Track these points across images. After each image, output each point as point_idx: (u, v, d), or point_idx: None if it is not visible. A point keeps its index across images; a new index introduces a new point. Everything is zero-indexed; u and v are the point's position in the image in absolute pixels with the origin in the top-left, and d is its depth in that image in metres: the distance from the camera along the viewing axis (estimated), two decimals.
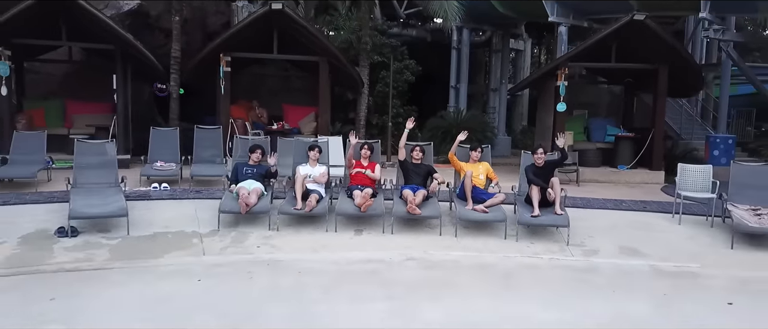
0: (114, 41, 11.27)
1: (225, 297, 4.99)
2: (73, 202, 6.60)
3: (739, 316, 4.95)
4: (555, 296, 5.32)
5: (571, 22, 14.89)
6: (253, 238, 6.63)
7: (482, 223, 7.16)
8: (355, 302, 4.99)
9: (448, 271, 5.93)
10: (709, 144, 16.77)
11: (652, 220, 7.86)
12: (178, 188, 8.93)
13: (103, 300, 4.83)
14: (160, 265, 5.78)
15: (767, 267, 6.24)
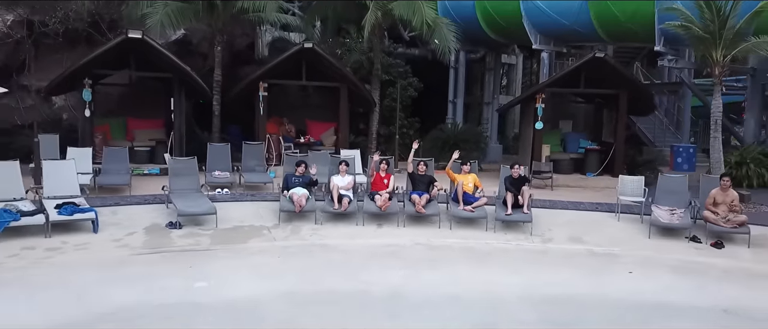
0: (172, 71, 14.07)
1: (298, 267, 7.77)
2: (178, 203, 9.38)
3: (634, 279, 7.74)
4: (516, 268, 8.10)
5: (552, 48, 17.73)
6: (306, 229, 9.41)
7: (470, 219, 9.94)
8: (382, 270, 7.77)
9: (445, 252, 8.71)
10: (673, 152, 19.58)
11: (599, 218, 10.64)
12: (236, 192, 11.68)
13: (220, 268, 7.61)
14: (247, 247, 8.57)
15: (667, 250, 9.01)
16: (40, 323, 5.80)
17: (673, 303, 6.85)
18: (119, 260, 7.74)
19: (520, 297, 7.03)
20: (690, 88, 18.94)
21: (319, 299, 6.66)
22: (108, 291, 6.63)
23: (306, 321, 6.08)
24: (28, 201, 9.03)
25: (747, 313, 6.59)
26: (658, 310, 6.63)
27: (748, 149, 15.91)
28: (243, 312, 6.21)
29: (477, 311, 6.49)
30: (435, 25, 14.69)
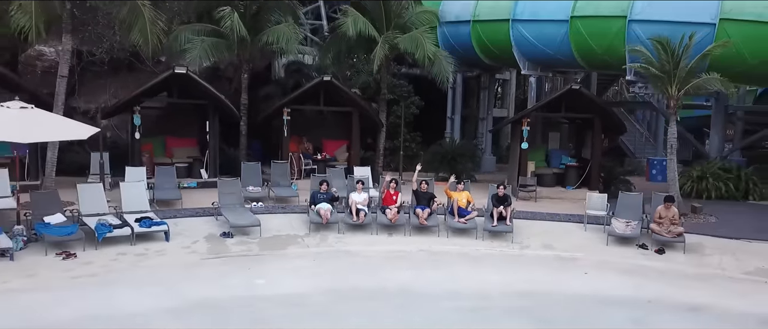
0: (208, 98, 16.52)
1: (330, 268, 10.23)
2: (228, 217, 11.83)
3: (588, 278, 10.20)
4: (499, 269, 10.56)
5: (539, 73, 20.23)
6: (331, 238, 11.88)
7: (463, 229, 12.40)
8: (394, 270, 10.22)
9: (443, 256, 11.16)
10: (649, 165, 22.09)
11: (570, 227, 13.11)
12: (268, 205, 14.12)
13: (270, 269, 10.06)
14: (287, 253, 11.02)
15: (620, 255, 11.47)
16: (149, 308, 8.24)
17: (612, 296, 9.32)
18: (192, 263, 10.20)
19: (501, 291, 9.50)
20: (656, 108, 21.42)
21: (348, 293, 9.12)
22: (192, 287, 9.09)
23: (342, 308, 8.54)
24: (113, 215, 11.46)
25: (664, 303, 9.05)
26: (599, 302, 9.09)
27: (709, 165, 18.41)
28: (295, 302, 8.66)
29: (468, 301, 8.95)
30: (435, 58, 17.14)
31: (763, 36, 15.29)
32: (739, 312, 8.77)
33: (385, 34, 17.22)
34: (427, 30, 17.49)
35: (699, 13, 15.74)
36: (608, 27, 17.03)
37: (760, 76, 16.79)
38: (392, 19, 17.93)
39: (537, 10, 18.59)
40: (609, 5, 17.06)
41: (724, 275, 10.55)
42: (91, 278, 9.18)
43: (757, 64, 15.77)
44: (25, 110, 9.98)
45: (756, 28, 15.31)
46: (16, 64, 18.43)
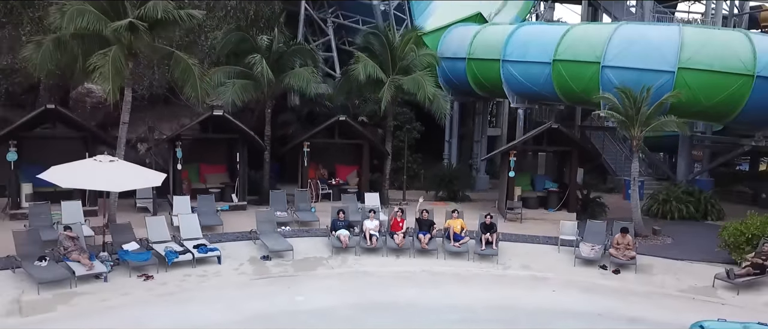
0: (239, 132, 19.41)
1: (352, 286, 13.14)
2: (267, 242, 14.72)
3: (555, 295, 13.12)
4: (486, 287, 13.48)
5: (526, 106, 23.17)
6: (350, 260, 14.79)
7: (458, 252, 15.32)
8: (402, 288, 13.13)
9: (441, 276, 14.07)
10: (625, 185, 24.94)
11: (546, 249, 16.02)
12: (294, 228, 17.00)
13: (305, 287, 12.97)
14: (316, 273, 13.94)
15: (584, 275, 14.37)
16: (220, 321, 11.13)
17: (570, 310, 12.23)
18: (243, 283, 13.11)
19: (485, 306, 12.41)
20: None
21: (368, 307, 12.03)
22: (247, 303, 12.00)
23: (364, 319, 11.44)
24: (174, 242, 14.35)
25: (610, 315, 11.98)
26: (559, 314, 12.01)
27: (674, 189, 21.38)
28: (328, 315, 11.57)
29: (459, 314, 11.86)
30: (434, 98, 20.05)
31: (714, 82, 18.22)
32: (667, 323, 11.67)
33: (391, 77, 20.11)
34: (427, 74, 20.35)
35: (661, 62, 18.63)
36: (585, 70, 19.92)
37: (715, 115, 19.72)
38: (397, 62, 20.83)
39: (524, 52, 21.54)
40: (585, 52, 19.94)
41: (663, 292, 13.47)
42: (170, 296, 12.08)
43: (711, 105, 18.71)
44: (113, 163, 12.86)
45: (708, 76, 18.23)
46: (68, 100, 21.24)
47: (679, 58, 18.41)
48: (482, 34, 23.51)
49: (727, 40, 18.96)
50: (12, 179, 17.46)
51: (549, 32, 21.60)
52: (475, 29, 24.18)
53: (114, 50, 14.85)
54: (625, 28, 20.07)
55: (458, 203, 22.08)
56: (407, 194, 22.41)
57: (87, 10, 14.82)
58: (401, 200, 21.70)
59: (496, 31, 23.24)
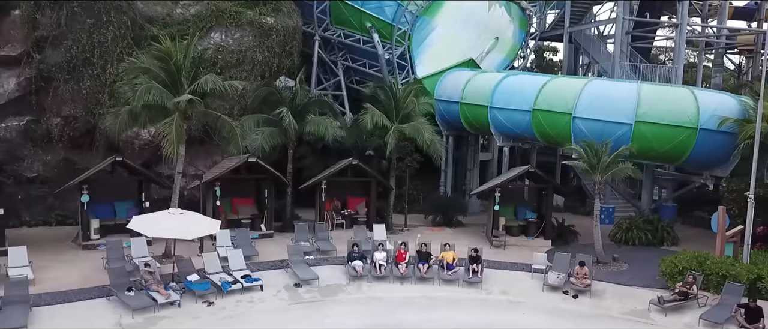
0: (267, 173, 23.39)
1: (367, 309, 17.15)
2: (297, 272, 18.72)
3: (524, 317, 17.14)
4: (470, 310, 17.50)
5: (510, 144, 27.19)
6: (364, 287, 18.81)
7: (450, 280, 19.34)
8: (406, 312, 17.14)
9: (437, 301, 18.08)
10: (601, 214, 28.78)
11: (521, 276, 20.04)
12: (316, 257, 20.98)
13: (332, 311, 16.99)
14: (339, 299, 17.96)
15: (550, 300, 18.34)
16: None
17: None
18: (283, 307, 17.11)
19: (471, 325, 16.42)
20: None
21: (382, 326, 16.02)
22: (288, 325, 15.99)
23: None
24: (225, 273, 18.34)
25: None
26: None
27: (635, 219, 25.39)
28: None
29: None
30: (431, 144, 24.06)
31: (665, 134, 22.29)
32: None
33: (395, 126, 24.10)
34: (426, 122, 24.34)
35: (621, 116, 22.66)
36: (559, 119, 23.94)
37: (667, 159, 23.81)
38: (400, 110, 24.81)
39: (508, 100, 25.56)
40: (560, 104, 23.96)
41: (608, 314, 17.49)
42: (230, 319, 16.07)
43: (664, 152, 22.83)
44: (183, 215, 16.84)
45: (660, 128, 22.29)
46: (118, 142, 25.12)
47: (637, 112, 22.44)
48: (473, 81, 27.48)
49: (677, 97, 23.04)
50: (83, 216, 21.40)
51: (529, 84, 25.58)
52: (467, 76, 28.16)
53: (176, 119, 18.79)
54: (592, 85, 24.11)
55: (452, 228, 26.27)
56: (408, 218, 26.47)
57: (153, 86, 18.77)
58: (403, 226, 25.80)
59: (485, 79, 27.20)
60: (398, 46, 28.87)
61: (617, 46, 29.71)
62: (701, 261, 18.62)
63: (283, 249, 21.21)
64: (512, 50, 32.39)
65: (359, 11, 29.66)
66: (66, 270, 18.70)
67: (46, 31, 23.55)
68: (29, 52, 23.74)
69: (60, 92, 23.96)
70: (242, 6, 26.03)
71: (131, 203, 22.94)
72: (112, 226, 22.27)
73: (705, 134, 22.04)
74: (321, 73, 31.71)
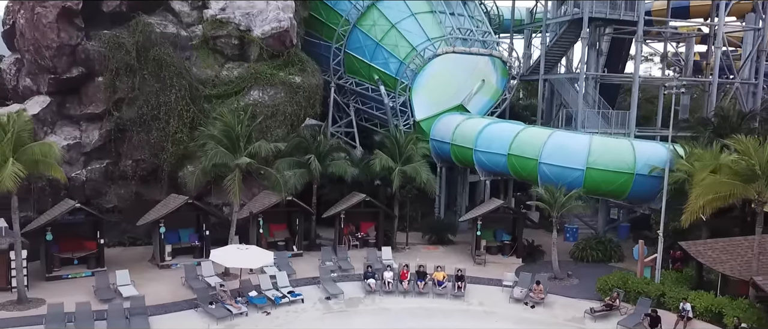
0: (299, 207, 30.40)
1: (379, 318, 24.16)
2: (328, 288, 25.75)
3: (495, 324, 24.20)
4: (454, 319, 24.51)
5: (492, 178, 34.24)
6: (376, 300, 25.85)
7: (441, 294, 26.41)
8: (409, 320, 24.14)
9: (431, 311, 25.07)
10: (564, 230, 35.94)
11: (495, 290, 27.08)
12: (338, 274, 27.99)
13: (355, 320, 24.00)
14: (359, 310, 24.98)
15: (515, 310, 25.31)
16: None
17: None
18: (320, 316, 24.12)
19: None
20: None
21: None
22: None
23: None
24: (274, 289, 25.33)
25: None
26: None
27: (590, 240, 32.42)
28: None
29: None
30: (428, 182, 31.06)
31: (609, 177, 29.25)
32: None
33: (398, 167, 31.06)
34: (423, 163, 31.29)
35: (576, 163, 29.60)
36: (529, 163, 30.91)
37: (612, 196, 30.82)
38: (403, 153, 31.74)
39: (489, 145, 32.50)
40: (529, 150, 30.92)
41: (555, 321, 24.53)
42: (284, 325, 23.08)
43: (609, 191, 29.86)
44: (248, 249, 23.84)
45: (606, 173, 29.23)
46: (176, 178, 31.95)
47: (588, 160, 29.39)
48: (461, 126, 34.43)
49: (619, 148, 29.98)
50: (160, 243, 28.32)
51: (506, 132, 32.52)
52: (457, 121, 35.10)
53: (236, 174, 25.74)
54: (554, 136, 31.06)
55: (444, 246, 33.31)
56: (409, 236, 33.52)
57: (220, 151, 25.68)
58: (405, 245, 32.84)
59: (471, 126, 34.12)
60: (401, 96, 35.72)
61: (580, 97, 36.58)
62: (625, 280, 25.68)
63: (313, 266, 28.31)
64: (495, 94, 39.23)
65: (368, 65, 36.55)
66: (155, 286, 25.62)
67: (123, 93, 30.34)
68: (110, 110, 30.54)
69: (133, 141, 30.77)
70: (275, 68, 32.80)
71: (192, 230, 29.86)
72: (179, 249, 29.23)
73: (640, 177, 28.99)
74: (336, 113, 38.60)
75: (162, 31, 31.15)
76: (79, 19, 29.67)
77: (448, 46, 35.36)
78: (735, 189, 21.97)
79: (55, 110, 30.63)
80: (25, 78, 31.29)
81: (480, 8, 40.10)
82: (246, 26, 32.38)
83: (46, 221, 25.82)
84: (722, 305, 22.68)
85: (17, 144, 22.37)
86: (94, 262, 27.11)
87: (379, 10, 36.57)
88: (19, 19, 30.22)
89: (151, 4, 31.75)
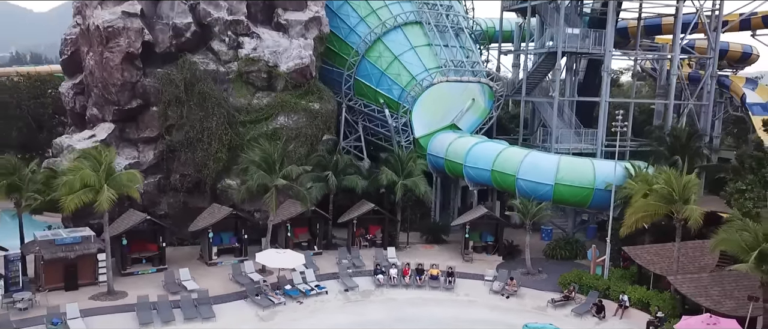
0: (319, 214, 37.88)
1: (387, 306, 31.64)
2: (345, 282, 33.22)
3: (476, 311, 31.72)
4: (445, 307, 32.05)
5: (479, 188, 41.75)
6: (385, 292, 33.36)
7: (435, 287, 33.93)
8: (410, 308, 31.65)
9: (427, 301, 32.54)
10: (541, 231, 43.48)
11: (478, 284, 34.57)
12: (353, 270, 35.49)
13: (369, 308, 31.52)
14: (371, 300, 32.45)
15: (493, 300, 32.87)
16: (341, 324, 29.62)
17: (479, 319, 30.76)
18: (342, 305, 31.59)
19: (442, 319, 30.98)
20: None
21: (396, 319, 30.52)
22: (347, 317, 30.51)
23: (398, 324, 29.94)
24: (303, 284, 32.80)
25: (492, 321, 30.54)
26: (473, 321, 30.54)
27: (560, 240, 39.97)
28: (379, 322, 30.01)
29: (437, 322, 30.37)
30: (425, 194, 38.53)
31: (574, 191, 36.69)
32: (518, 324, 30.17)
33: (401, 181, 38.45)
34: (421, 178, 38.70)
35: (546, 178, 37.02)
36: (508, 177, 38.37)
37: (576, 205, 38.31)
38: (404, 169, 39.13)
39: (476, 161, 39.91)
40: (508, 167, 38.34)
41: (523, 309, 32.03)
42: (314, 312, 30.55)
43: (574, 202, 37.41)
44: (285, 252, 31.24)
45: (570, 188, 36.69)
46: (216, 189, 39.29)
47: (556, 177, 36.80)
48: (453, 145, 41.77)
49: (582, 167, 37.36)
50: (207, 244, 35.75)
51: (490, 151, 39.84)
52: (449, 139, 42.42)
53: (273, 193, 33.11)
54: (530, 156, 38.44)
55: (439, 245, 40.82)
56: (409, 236, 41.01)
57: (260, 173, 33.02)
58: (405, 243, 40.33)
59: (461, 144, 41.42)
60: (402, 117, 43.01)
61: (554, 118, 43.93)
62: (580, 276, 33.22)
63: (331, 263, 35.85)
64: (483, 113, 46.50)
65: (374, 90, 43.81)
66: (208, 281, 33.03)
67: (173, 120, 37.59)
68: (162, 134, 37.82)
69: (181, 159, 38.08)
70: (297, 97, 40.03)
71: (231, 233, 37.26)
72: (222, 249, 36.66)
73: (598, 191, 36.38)
74: (346, 129, 45.86)
75: (204, 68, 38.30)
76: (138, 60, 36.80)
77: (442, 76, 42.52)
78: (659, 209, 29.38)
79: (118, 135, 37.87)
80: (93, 108, 38.49)
81: (470, 39, 47.08)
82: (273, 63, 39.50)
83: (124, 230, 33.12)
84: (650, 297, 30.20)
85: (108, 172, 29.60)
86: (157, 261, 34.54)
87: (384, 44, 43.70)
88: (89, 61, 37.39)
89: (195, 45, 38.84)
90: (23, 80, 56.39)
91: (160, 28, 37.85)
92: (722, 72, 57.26)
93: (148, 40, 36.83)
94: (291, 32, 40.51)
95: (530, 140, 48.21)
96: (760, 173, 33.02)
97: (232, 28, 39.17)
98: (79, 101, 41.50)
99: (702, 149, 42.91)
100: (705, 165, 43.11)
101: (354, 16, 44.83)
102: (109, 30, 35.61)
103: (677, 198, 29.08)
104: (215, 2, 39.02)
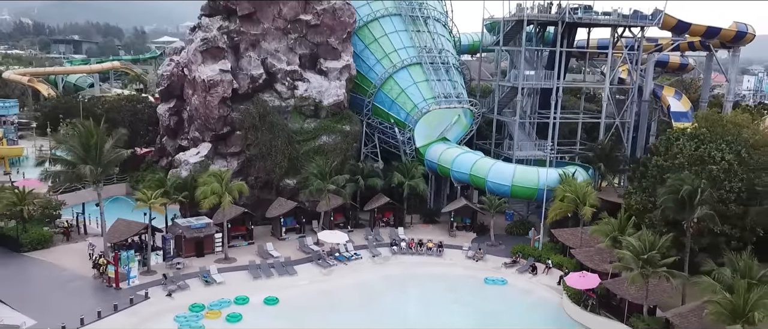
0: (350, 206, 58.90)
1: (400, 267, 52.74)
2: (373, 251, 54.31)
3: (456, 269, 52.88)
4: (439, 267, 53.20)
5: (463, 184, 62.91)
6: (398, 258, 54.49)
7: (431, 255, 55.07)
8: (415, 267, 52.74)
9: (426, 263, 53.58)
10: (505, 214, 64.94)
11: (458, 253, 55.80)
12: (375, 244, 56.50)
13: (389, 268, 52.63)
14: (390, 262, 53.57)
15: (467, 264, 54.07)
16: (373, 277, 50.71)
17: (456, 275, 51.81)
18: (371, 266, 52.60)
19: (437, 274, 52.10)
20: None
21: (406, 275, 51.53)
22: (375, 273, 51.58)
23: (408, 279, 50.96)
24: (347, 252, 53.79)
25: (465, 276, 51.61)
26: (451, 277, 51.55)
27: (517, 222, 61.26)
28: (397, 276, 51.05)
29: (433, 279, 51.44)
30: (424, 192, 59.55)
31: (524, 190, 58.13)
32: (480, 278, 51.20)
33: (407, 182, 59.33)
34: (421, 180, 59.56)
35: (506, 180, 58.25)
36: (481, 180, 59.65)
37: (527, 199, 59.37)
38: (409, 173, 59.96)
39: (460, 167, 61.07)
40: (481, 172, 59.51)
41: (486, 267, 52.99)
42: (355, 270, 51.37)
43: (525, 196, 59.01)
44: (336, 232, 52.14)
45: (523, 188, 58.02)
46: (279, 186, 59.97)
47: (513, 180, 57.94)
48: (443, 154, 62.58)
49: (531, 173, 58.48)
50: (279, 226, 56.66)
51: (468, 160, 60.67)
52: (441, 149, 63.18)
53: (326, 193, 53.94)
54: (495, 165, 59.55)
55: (433, 224, 62.15)
56: (412, 218, 62.05)
57: (318, 182, 53.78)
58: (409, 223, 61.52)
59: (449, 154, 62.15)
60: (408, 133, 63.59)
61: (516, 133, 64.71)
62: (523, 248, 54.53)
63: (360, 237, 57.04)
64: (466, 128, 67.07)
65: (387, 113, 64.42)
66: (284, 250, 53.91)
67: (251, 141, 58.20)
68: (243, 149, 58.48)
69: (256, 167, 58.77)
70: (335, 122, 60.47)
71: (292, 218, 58.12)
72: (291, 229, 57.53)
73: (541, 191, 57.32)
74: (366, 140, 66.49)
75: (271, 104, 58.66)
76: (229, 100, 57.11)
77: (435, 104, 62.97)
78: (568, 207, 50.45)
79: (214, 151, 58.37)
80: (194, 131, 58.92)
81: (457, 73, 67.29)
82: (318, 99, 59.82)
83: (229, 218, 53.92)
84: (563, 261, 51.45)
85: (226, 183, 50.23)
86: (248, 236, 55.42)
87: (394, 80, 63.97)
88: (193, 101, 57.72)
89: (264, 87, 59.09)
90: (124, 101, 76.87)
91: (241, 77, 58.04)
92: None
93: (235, 87, 57.04)
94: (330, 76, 60.76)
95: (501, 146, 68.94)
96: (642, 182, 53.96)
97: (290, 75, 59.42)
98: (173, 120, 61.90)
99: (620, 157, 63.74)
100: (621, 169, 63.99)
101: (372, 58, 64.93)
102: (210, 82, 55.83)
103: (579, 201, 50.07)
104: (278, 57, 59.11)
